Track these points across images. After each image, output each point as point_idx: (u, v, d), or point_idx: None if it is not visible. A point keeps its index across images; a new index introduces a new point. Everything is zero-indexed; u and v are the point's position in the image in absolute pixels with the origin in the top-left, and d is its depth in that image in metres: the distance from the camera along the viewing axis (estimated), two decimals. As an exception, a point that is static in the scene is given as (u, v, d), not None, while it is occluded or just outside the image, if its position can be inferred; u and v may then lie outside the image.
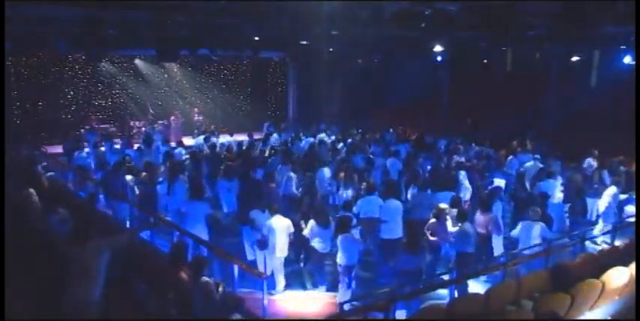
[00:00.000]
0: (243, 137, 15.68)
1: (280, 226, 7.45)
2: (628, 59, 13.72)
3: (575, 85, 17.13)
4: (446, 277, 6.64)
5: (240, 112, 21.52)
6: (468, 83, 18.36)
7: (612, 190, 9.52)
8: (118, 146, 13.71)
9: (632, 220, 8.62)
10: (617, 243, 7.83)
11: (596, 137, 13.37)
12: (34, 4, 8.66)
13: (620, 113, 12.78)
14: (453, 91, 19.73)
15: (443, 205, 7.72)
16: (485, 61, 17.66)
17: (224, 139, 16.03)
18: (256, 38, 12.83)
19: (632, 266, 5.13)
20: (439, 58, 16.74)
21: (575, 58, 14.99)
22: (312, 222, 7.51)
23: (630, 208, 9.75)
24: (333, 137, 15.71)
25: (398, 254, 6.67)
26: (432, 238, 7.50)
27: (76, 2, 8.55)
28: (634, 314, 4.18)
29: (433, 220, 7.64)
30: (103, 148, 13.26)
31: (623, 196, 9.86)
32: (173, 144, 13.86)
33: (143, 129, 17.91)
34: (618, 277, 5.04)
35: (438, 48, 13.10)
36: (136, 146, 13.60)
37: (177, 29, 10.60)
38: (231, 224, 8.91)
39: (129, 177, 9.94)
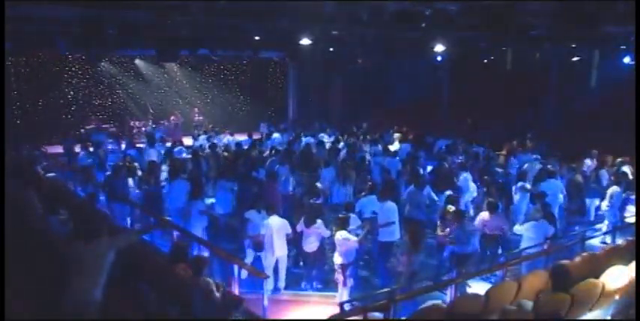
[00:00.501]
0: (243, 137, 15.69)
1: (277, 225, 7.46)
2: (628, 59, 13.73)
3: (575, 85, 17.15)
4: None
5: (240, 112, 21.54)
6: (468, 83, 18.37)
7: (613, 189, 9.53)
8: (123, 146, 13.75)
9: (632, 220, 8.62)
10: (617, 243, 7.82)
11: (596, 137, 13.37)
12: (34, 4, 8.66)
13: (620, 113, 12.78)
14: (453, 91, 19.74)
15: (450, 207, 7.75)
16: (485, 61, 17.66)
17: (225, 138, 16.02)
18: (256, 38, 12.84)
19: (632, 266, 5.12)
20: (439, 58, 16.74)
21: (575, 58, 14.99)
22: (301, 221, 7.59)
23: (631, 208, 9.75)
24: (332, 137, 15.71)
25: (406, 257, 6.60)
26: (438, 239, 7.55)
27: (76, 2, 8.55)
28: (634, 314, 4.18)
29: (439, 221, 7.66)
30: (110, 147, 13.31)
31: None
32: (169, 144, 13.88)
33: (143, 129, 17.93)
34: (618, 277, 5.04)
35: (438, 48, 13.10)
36: (137, 146, 13.60)
37: (177, 29, 10.61)
38: (229, 226, 8.90)
39: (130, 180, 9.93)
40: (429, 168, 11.76)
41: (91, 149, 12.70)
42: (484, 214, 7.85)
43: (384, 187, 8.85)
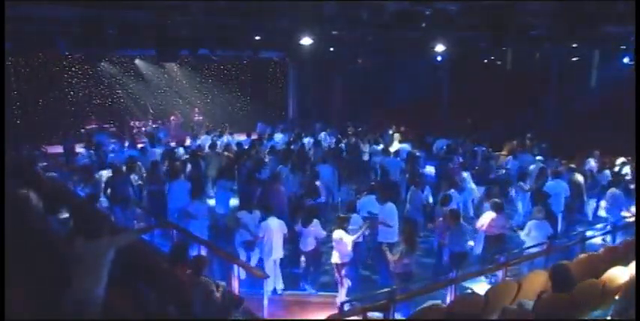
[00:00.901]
0: (243, 137, 15.69)
1: (276, 227, 7.46)
2: (627, 60, 13.74)
3: (575, 85, 17.15)
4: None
5: (240, 112, 21.53)
6: (468, 83, 18.36)
7: (613, 190, 9.53)
8: (126, 145, 13.76)
9: (632, 220, 8.62)
10: (617, 243, 7.82)
11: (596, 137, 13.37)
12: (34, 4, 8.65)
13: (620, 113, 12.77)
14: (453, 91, 19.74)
15: (452, 208, 7.73)
16: (485, 61, 17.66)
17: (226, 138, 16.00)
18: (256, 38, 12.85)
19: (632, 266, 5.12)
20: (439, 58, 16.74)
21: (575, 58, 14.98)
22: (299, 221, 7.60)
23: (631, 208, 9.75)
24: (333, 138, 15.69)
25: (401, 258, 6.60)
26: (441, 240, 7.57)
27: (76, 2, 8.55)
28: (634, 314, 4.18)
29: (440, 219, 7.67)
30: (113, 147, 13.31)
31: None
32: (173, 144, 13.88)
33: (143, 129, 17.92)
34: (618, 277, 5.04)
35: (438, 48, 13.10)
36: (139, 146, 13.59)
37: (177, 29, 10.61)
38: (228, 227, 8.91)
39: (133, 177, 9.92)
40: (428, 168, 11.75)
41: (93, 149, 12.70)
42: (491, 214, 7.81)
43: (384, 189, 8.86)
